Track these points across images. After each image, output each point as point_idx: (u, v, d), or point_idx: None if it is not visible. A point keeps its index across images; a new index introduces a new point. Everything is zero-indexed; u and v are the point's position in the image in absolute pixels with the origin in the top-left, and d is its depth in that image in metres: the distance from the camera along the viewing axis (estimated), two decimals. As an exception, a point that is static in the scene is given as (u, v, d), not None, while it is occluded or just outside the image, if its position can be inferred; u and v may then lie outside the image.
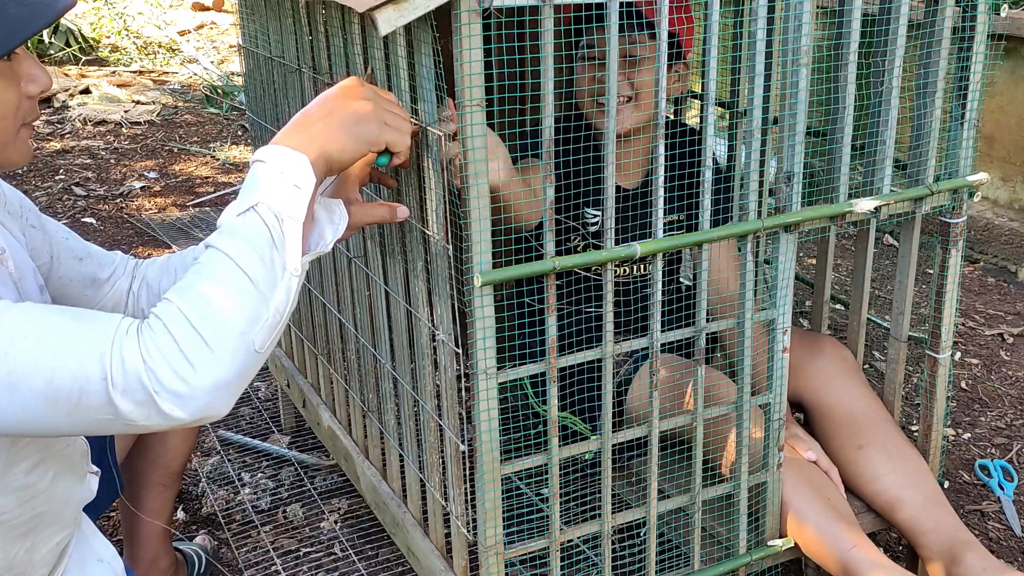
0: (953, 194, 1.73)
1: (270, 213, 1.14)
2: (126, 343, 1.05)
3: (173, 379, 1.05)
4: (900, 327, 1.88)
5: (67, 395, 1.04)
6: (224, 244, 1.12)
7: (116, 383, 1.04)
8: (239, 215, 1.13)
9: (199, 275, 1.10)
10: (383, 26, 1.21)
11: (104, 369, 1.04)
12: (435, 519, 1.68)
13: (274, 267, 1.13)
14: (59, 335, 1.05)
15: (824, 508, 1.70)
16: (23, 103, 1.19)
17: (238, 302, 1.09)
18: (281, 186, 1.16)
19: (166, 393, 1.05)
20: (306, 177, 1.18)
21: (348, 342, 1.95)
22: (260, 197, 1.14)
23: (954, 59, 1.68)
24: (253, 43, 2.14)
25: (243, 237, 1.12)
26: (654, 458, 1.57)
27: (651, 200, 1.47)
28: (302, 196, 1.17)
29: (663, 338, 1.52)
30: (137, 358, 1.04)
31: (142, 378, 1.04)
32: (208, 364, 1.06)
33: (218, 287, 1.09)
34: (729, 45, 1.84)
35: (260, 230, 1.13)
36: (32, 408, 1.05)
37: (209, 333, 1.06)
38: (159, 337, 1.05)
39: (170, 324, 1.06)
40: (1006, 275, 3.63)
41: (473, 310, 1.34)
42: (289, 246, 1.15)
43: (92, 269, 1.52)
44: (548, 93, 1.31)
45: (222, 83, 6.36)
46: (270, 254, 1.13)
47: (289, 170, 1.17)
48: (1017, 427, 2.59)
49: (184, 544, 2.04)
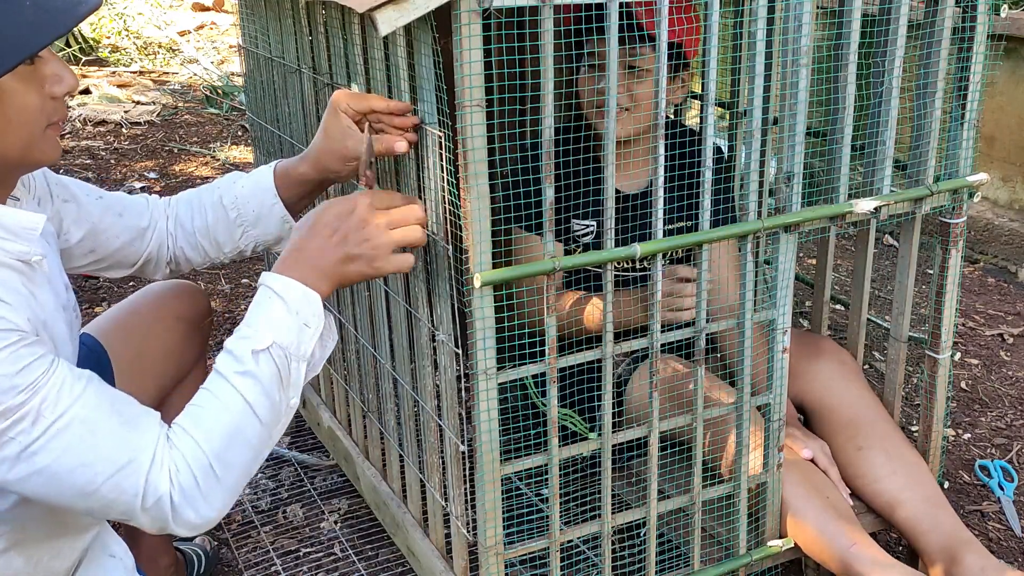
0: (953, 194, 1.73)
1: (282, 354, 1.25)
2: (162, 476, 1.18)
3: (189, 512, 1.20)
4: (900, 327, 1.88)
5: (100, 496, 1.17)
6: (241, 386, 1.23)
7: (146, 503, 1.18)
8: (254, 353, 1.23)
9: (219, 418, 1.22)
10: (383, 26, 1.21)
11: (139, 488, 1.17)
12: (435, 519, 1.68)
13: (280, 406, 1.26)
14: (107, 441, 1.16)
15: (824, 507, 1.70)
16: (47, 104, 1.22)
17: (249, 443, 1.23)
18: (294, 327, 1.26)
19: (180, 519, 1.20)
20: (317, 317, 1.28)
21: (348, 342, 1.95)
22: (275, 338, 1.24)
23: (954, 59, 1.67)
24: (253, 44, 2.14)
25: (258, 380, 1.23)
26: (654, 458, 1.57)
27: (651, 201, 1.47)
28: (311, 334, 1.28)
29: (663, 338, 1.52)
30: (166, 487, 1.18)
31: (165, 505, 1.18)
32: (218, 498, 1.21)
33: (234, 431, 1.22)
34: (729, 45, 1.84)
35: (272, 372, 1.24)
36: (65, 495, 1.17)
37: (223, 473, 1.21)
38: (184, 473, 1.19)
39: (193, 464, 1.19)
40: (1006, 275, 3.63)
41: (473, 310, 1.34)
42: (294, 384, 1.27)
43: (134, 220, 1.61)
44: (548, 94, 1.31)
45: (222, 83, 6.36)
46: (279, 395, 1.25)
47: (303, 310, 1.27)
48: (1017, 427, 2.59)
49: (184, 544, 2.04)
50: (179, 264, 1.67)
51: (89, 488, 1.15)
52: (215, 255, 1.66)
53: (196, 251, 1.65)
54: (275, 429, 1.26)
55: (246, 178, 1.64)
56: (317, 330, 1.28)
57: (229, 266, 2.76)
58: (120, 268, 1.64)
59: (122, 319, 1.73)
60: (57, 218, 1.49)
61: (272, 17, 1.95)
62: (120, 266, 1.64)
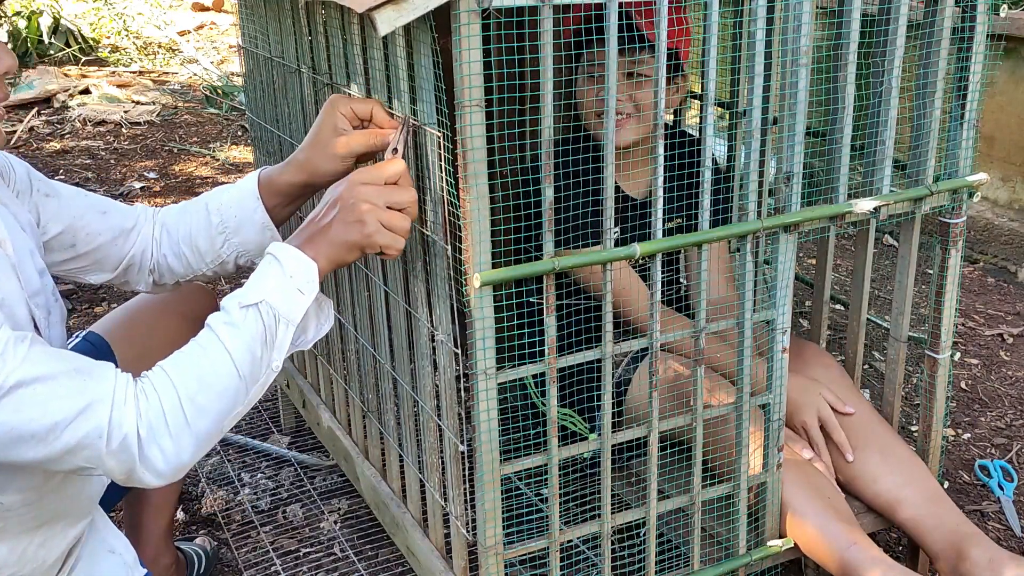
0: (953, 194, 1.73)
1: (271, 313, 1.24)
2: (127, 412, 1.15)
3: (156, 455, 1.17)
4: (900, 327, 1.88)
5: (62, 445, 1.14)
6: (224, 335, 1.22)
7: (112, 444, 1.15)
8: (243, 308, 1.23)
9: (196, 360, 1.21)
10: (382, 26, 1.21)
11: (102, 428, 1.14)
12: (435, 519, 1.68)
13: (261, 364, 1.25)
14: (67, 385, 1.14)
15: (823, 507, 1.70)
16: None
17: (224, 394, 1.22)
18: (287, 289, 1.26)
19: (146, 463, 1.17)
20: (312, 284, 1.28)
21: (348, 342, 1.95)
22: (265, 295, 1.24)
23: (954, 59, 1.67)
24: (253, 44, 2.14)
25: (242, 332, 1.23)
26: (654, 458, 1.57)
27: (651, 201, 1.47)
28: (303, 301, 1.27)
29: (663, 338, 1.52)
30: (132, 426, 1.15)
31: (131, 446, 1.16)
32: (186, 444, 1.19)
33: (211, 377, 1.21)
34: (729, 45, 1.84)
35: (258, 328, 1.23)
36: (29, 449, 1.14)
37: (194, 417, 1.19)
38: (153, 412, 1.17)
39: (164, 401, 1.18)
40: (1006, 275, 3.63)
41: (473, 310, 1.34)
42: (279, 347, 1.26)
43: (117, 220, 1.58)
44: (548, 94, 1.31)
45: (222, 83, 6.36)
46: (260, 352, 1.24)
47: (298, 275, 1.27)
48: (1017, 427, 2.59)
49: (185, 544, 2.04)
50: (162, 273, 1.63)
51: (50, 437, 1.13)
52: (196, 265, 1.62)
53: (178, 259, 1.61)
54: (253, 387, 1.25)
55: (232, 186, 1.62)
56: (310, 298, 1.28)
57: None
58: (101, 271, 1.60)
59: (128, 318, 1.73)
60: (36, 211, 1.47)
61: (271, 17, 1.95)
62: (101, 268, 1.59)
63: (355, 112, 1.45)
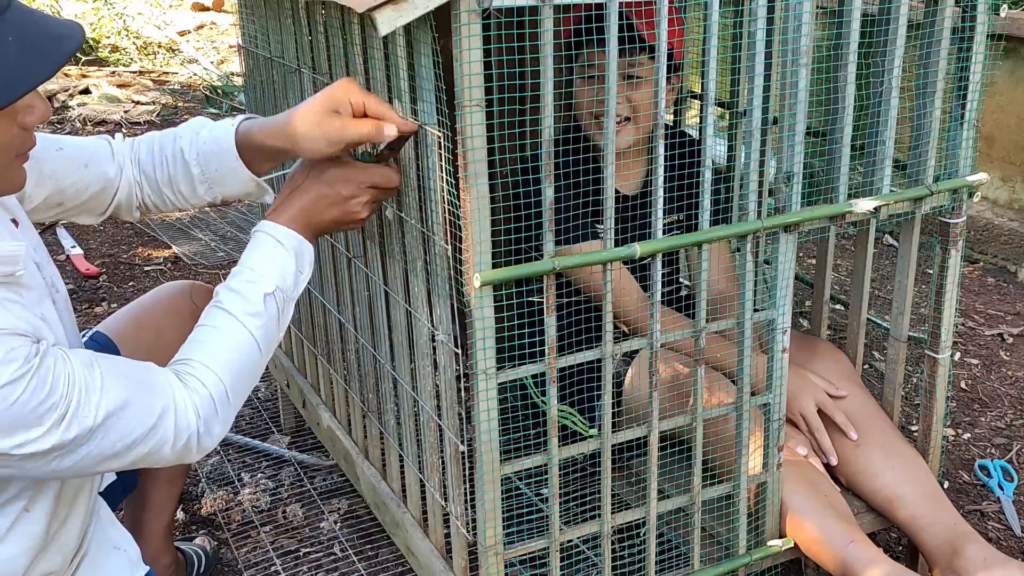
0: (953, 194, 1.73)
1: (283, 297, 1.41)
2: (189, 416, 1.30)
3: (207, 440, 1.33)
4: (900, 327, 1.88)
5: (134, 456, 1.27)
6: (253, 325, 1.38)
7: (177, 444, 1.30)
8: (265, 296, 1.39)
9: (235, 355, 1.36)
10: (382, 26, 1.21)
11: (169, 436, 1.28)
12: (435, 519, 1.68)
13: (276, 340, 1.43)
14: (139, 408, 1.26)
15: (822, 506, 1.70)
16: (18, 136, 1.21)
17: (255, 375, 1.40)
18: (293, 273, 1.43)
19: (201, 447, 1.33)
20: (310, 265, 1.47)
21: (348, 342, 1.95)
22: (277, 282, 1.41)
23: (954, 59, 1.67)
24: (253, 43, 2.14)
25: (265, 321, 1.39)
26: (654, 458, 1.57)
27: (651, 201, 1.47)
28: (303, 279, 1.46)
29: (663, 339, 1.52)
30: (194, 428, 1.30)
31: (192, 439, 1.31)
32: (229, 420, 1.36)
33: (246, 365, 1.37)
34: (729, 45, 1.84)
35: (275, 313, 1.40)
36: (100, 467, 1.26)
37: (235, 400, 1.37)
38: (208, 408, 1.32)
39: (216, 396, 1.33)
40: (1006, 275, 3.63)
41: (473, 310, 1.34)
42: (285, 322, 1.44)
43: (101, 169, 1.59)
44: (547, 94, 1.31)
45: (222, 83, 6.36)
46: (276, 332, 1.42)
47: (300, 259, 1.44)
48: (1017, 427, 2.59)
49: (185, 544, 2.04)
50: (147, 209, 1.66)
51: (126, 453, 1.25)
52: (181, 204, 1.64)
53: (161, 199, 1.64)
54: (268, 358, 1.42)
55: (208, 132, 1.57)
56: (307, 276, 1.46)
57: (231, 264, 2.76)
58: (89, 215, 1.63)
59: (135, 318, 1.73)
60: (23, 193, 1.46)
61: (272, 17, 1.95)
62: (89, 213, 1.63)
63: (365, 107, 1.40)
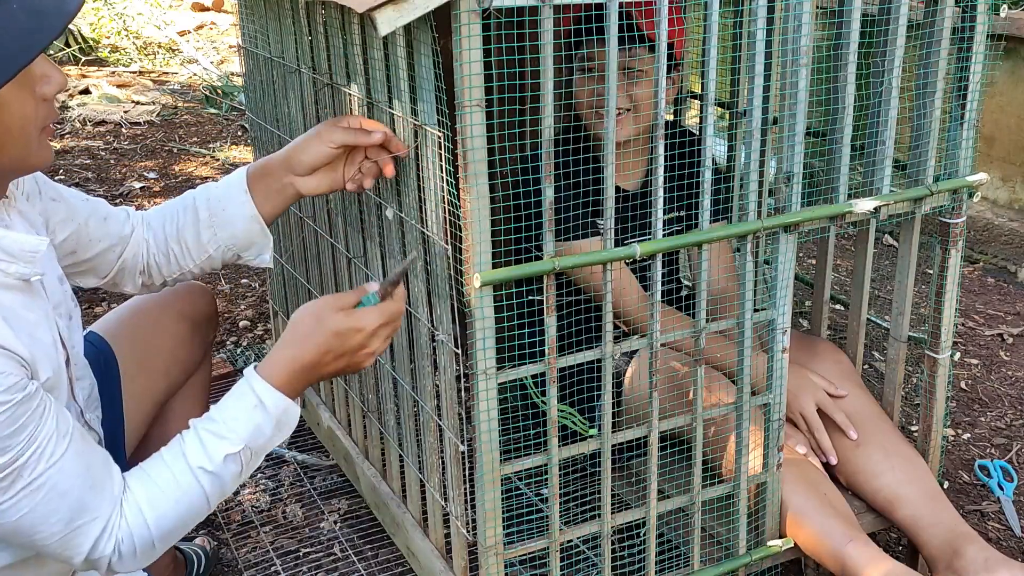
0: (953, 194, 1.73)
1: (250, 455, 1.32)
2: (108, 542, 1.25)
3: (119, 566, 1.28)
4: (900, 327, 1.88)
5: (47, 547, 1.23)
6: (206, 482, 1.30)
7: (89, 559, 1.25)
8: (226, 457, 1.30)
9: (175, 508, 1.29)
10: (382, 26, 1.21)
11: (84, 549, 1.24)
12: (435, 519, 1.68)
13: (228, 491, 1.34)
14: (71, 502, 1.22)
15: (821, 505, 1.70)
16: (40, 107, 1.21)
17: (195, 519, 1.32)
18: (269, 434, 1.33)
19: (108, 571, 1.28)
20: (290, 427, 1.36)
21: (348, 342, 1.95)
22: (248, 443, 1.31)
23: (954, 59, 1.67)
24: (253, 43, 2.14)
25: (222, 480, 1.31)
26: (654, 458, 1.57)
27: (651, 200, 1.47)
28: (282, 436, 1.36)
29: (663, 338, 1.52)
30: (108, 554, 1.26)
31: (102, 565, 1.27)
32: (146, 562, 1.30)
33: (187, 518, 1.30)
34: (729, 45, 1.84)
35: (236, 471, 1.32)
36: (11, 539, 1.23)
37: (162, 548, 1.30)
38: (126, 546, 1.26)
39: (139, 541, 1.27)
40: (1006, 275, 3.63)
41: (473, 310, 1.34)
42: (251, 470, 1.35)
43: (116, 227, 1.59)
44: (548, 94, 1.31)
45: (222, 83, 6.35)
46: (233, 485, 1.33)
47: (282, 422, 1.33)
48: (1017, 427, 2.59)
49: (184, 544, 2.04)
50: (151, 275, 1.64)
51: (40, 541, 1.22)
52: (183, 261, 1.63)
53: (166, 257, 1.62)
54: (215, 505, 1.35)
55: (219, 182, 1.63)
56: (287, 435, 1.36)
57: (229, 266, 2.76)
58: (93, 276, 1.61)
59: (129, 318, 1.73)
60: (45, 215, 1.47)
61: (272, 17, 1.95)
62: (94, 273, 1.60)
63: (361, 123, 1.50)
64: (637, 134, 1.87)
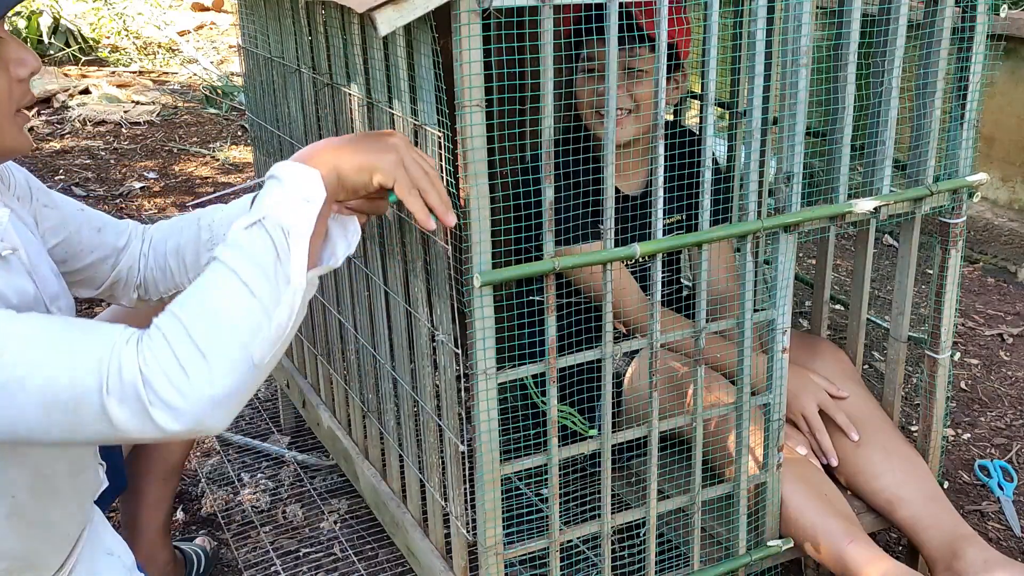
0: (953, 194, 1.73)
1: (276, 227, 1.13)
2: (125, 352, 1.04)
3: (168, 390, 1.03)
4: (900, 327, 1.88)
5: (64, 402, 1.03)
6: (228, 257, 1.11)
7: (112, 391, 1.03)
8: (246, 228, 1.13)
9: (201, 288, 1.10)
10: (382, 26, 1.21)
11: (101, 378, 1.03)
12: (435, 519, 1.68)
13: (278, 281, 1.12)
14: (59, 342, 1.05)
15: (821, 505, 1.70)
16: (15, 88, 1.21)
17: (238, 315, 1.08)
18: (290, 200, 1.15)
19: (160, 404, 1.03)
20: (316, 191, 1.17)
21: (348, 342, 1.95)
22: (267, 211, 1.14)
23: (954, 59, 1.67)
24: (253, 43, 2.14)
25: (247, 251, 1.12)
26: (654, 458, 1.57)
27: (651, 201, 1.47)
28: (311, 210, 1.16)
29: (663, 339, 1.52)
30: (134, 367, 1.03)
31: (138, 387, 1.03)
32: (203, 376, 1.05)
33: (219, 300, 1.09)
34: (729, 45, 1.84)
35: (265, 244, 1.12)
36: (27, 413, 1.04)
37: (206, 345, 1.06)
38: (157, 347, 1.04)
39: (169, 335, 1.05)
40: (1006, 275, 3.63)
41: (473, 310, 1.34)
42: (294, 260, 1.14)
43: (111, 238, 1.56)
44: (548, 94, 1.31)
45: (222, 83, 6.36)
46: (274, 268, 1.12)
47: (300, 184, 1.17)
48: (1017, 427, 2.59)
49: (184, 544, 2.04)
50: (147, 289, 1.60)
51: (48, 395, 1.03)
52: (180, 278, 1.58)
53: (163, 273, 1.58)
54: (275, 310, 1.11)
55: (227, 204, 1.60)
56: (317, 205, 1.17)
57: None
58: (87, 287, 1.57)
59: (126, 316, 1.72)
60: (35, 219, 1.45)
61: (271, 17, 1.95)
62: (88, 284, 1.57)
63: None
64: (638, 135, 1.87)
